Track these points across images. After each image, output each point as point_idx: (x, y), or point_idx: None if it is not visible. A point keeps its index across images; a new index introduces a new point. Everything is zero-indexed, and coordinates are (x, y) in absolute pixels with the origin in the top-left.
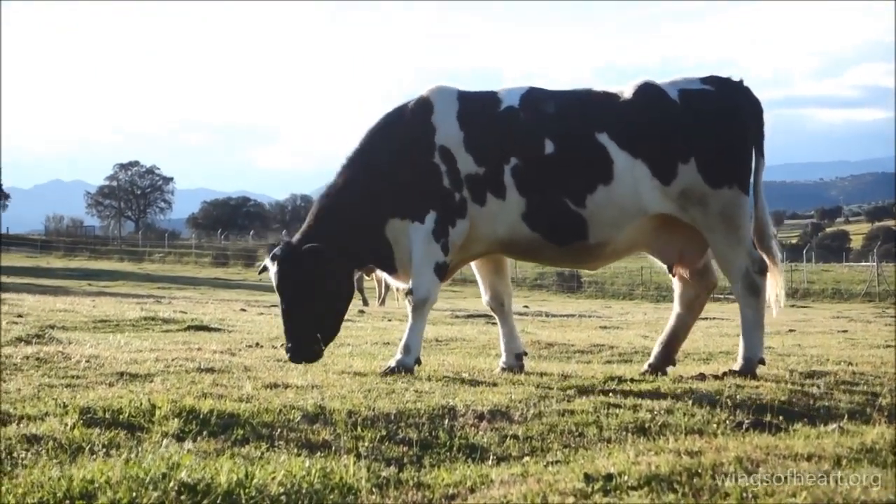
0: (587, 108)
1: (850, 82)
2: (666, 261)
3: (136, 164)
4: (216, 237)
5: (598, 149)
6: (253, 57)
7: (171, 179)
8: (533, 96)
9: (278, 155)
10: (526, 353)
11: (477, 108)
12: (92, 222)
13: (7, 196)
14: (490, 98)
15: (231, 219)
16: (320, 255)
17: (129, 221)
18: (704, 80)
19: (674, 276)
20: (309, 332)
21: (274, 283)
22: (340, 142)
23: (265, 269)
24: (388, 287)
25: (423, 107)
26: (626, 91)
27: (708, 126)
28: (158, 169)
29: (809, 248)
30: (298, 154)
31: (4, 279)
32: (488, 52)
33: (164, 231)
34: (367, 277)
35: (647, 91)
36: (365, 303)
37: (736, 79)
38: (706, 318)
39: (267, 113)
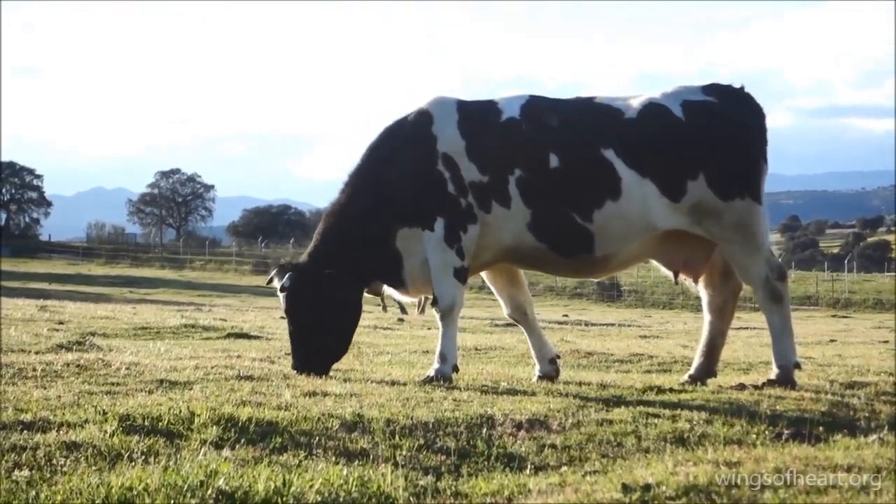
0: (591, 122)
1: (891, 91)
2: (671, 268)
3: (177, 171)
4: (257, 245)
5: (605, 165)
6: (294, 65)
7: (211, 187)
8: (533, 106)
9: (319, 163)
10: (559, 356)
11: (477, 117)
12: (133, 230)
13: (49, 203)
14: (490, 107)
15: (272, 227)
16: (332, 279)
17: (171, 229)
18: (706, 90)
19: (677, 282)
20: (317, 353)
21: (283, 307)
22: None
23: (273, 280)
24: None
25: (423, 117)
26: (631, 107)
27: (714, 139)
28: (199, 177)
29: (851, 257)
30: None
31: (47, 286)
32: (530, 60)
33: (205, 239)
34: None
35: (652, 108)
36: (403, 311)
37: (737, 86)
38: (746, 328)
39: (308, 121)
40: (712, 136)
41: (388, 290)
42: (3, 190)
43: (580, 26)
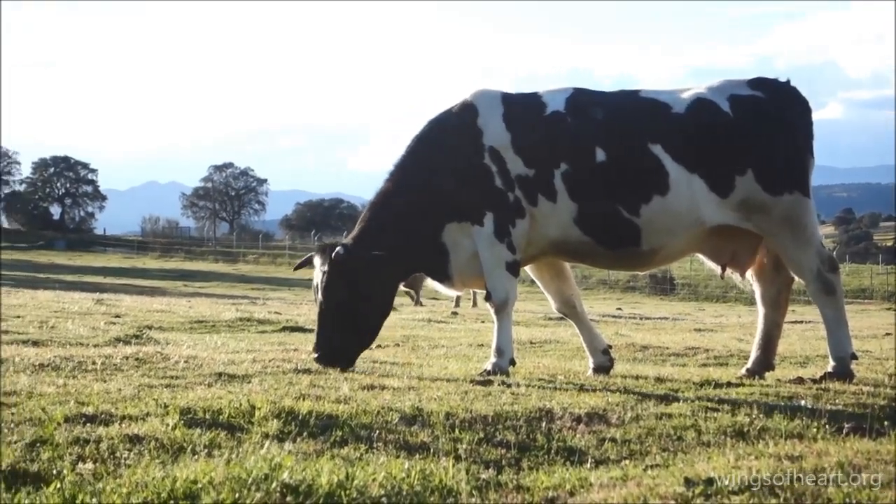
0: (638, 117)
1: None
2: (718, 262)
3: (230, 165)
4: (310, 239)
5: (653, 160)
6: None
7: (264, 181)
8: (578, 100)
9: (372, 156)
10: (611, 346)
11: (522, 110)
12: (187, 223)
13: (104, 198)
14: (534, 100)
15: (324, 220)
16: (377, 263)
17: (224, 223)
18: (752, 84)
19: (723, 277)
20: (346, 339)
21: (318, 285)
22: None
23: (304, 265)
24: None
25: (468, 110)
26: (677, 101)
27: (761, 134)
28: (252, 170)
29: None
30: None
31: (102, 280)
32: (582, 53)
33: (258, 232)
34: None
35: (699, 102)
36: (456, 304)
37: (783, 79)
38: (800, 322)
39: (361, 114)
40: (760, 130)
41: (430, 282)
42: (59, 184)
43: (632, 21)
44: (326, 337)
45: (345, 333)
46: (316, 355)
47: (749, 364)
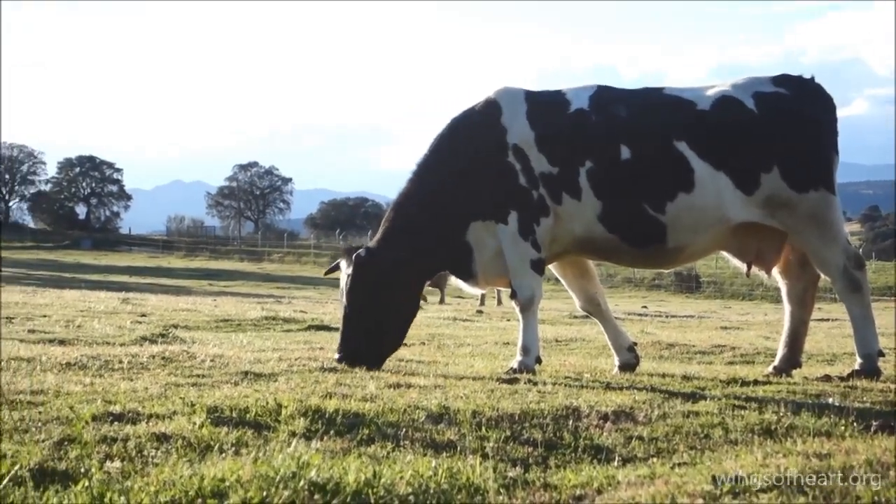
0: (662, 114)
1: None
2: (743, 260)
3: (255, 164)
4: (335, 237)
5: (678, 157)
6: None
7: (289, 180)
8: (602, 97)
9: (397, 155)
10: (636, 343)
11: (545, 107)
12: (212, 223)
13: (129, 197)
14: (558, 98)
15: (349, 219)
16: (401, 264)
17: (249, 222)
18: (776, 81)
19: (748, 275)
20: (373, 341)
21: (343, 288)
22: None
23: (334, 269)
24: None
25: (492, 108)
26: (702, 98)
27: (787, 131)
28: (277, 170)
29: None
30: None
31: (127, 279)
32: (605, 50)
33: (283, 231)
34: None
35: (724, 100)
36: (482, 303)
37: (807, 77)
38: (827, 320)
39: (386, 113)
40: (785, 127)
41: (454, 281)
42: (84, 184)
43: (658, 18)
44: (351, 339)
45: (370, 336)
46: (338, 356)
47: (776, 362)
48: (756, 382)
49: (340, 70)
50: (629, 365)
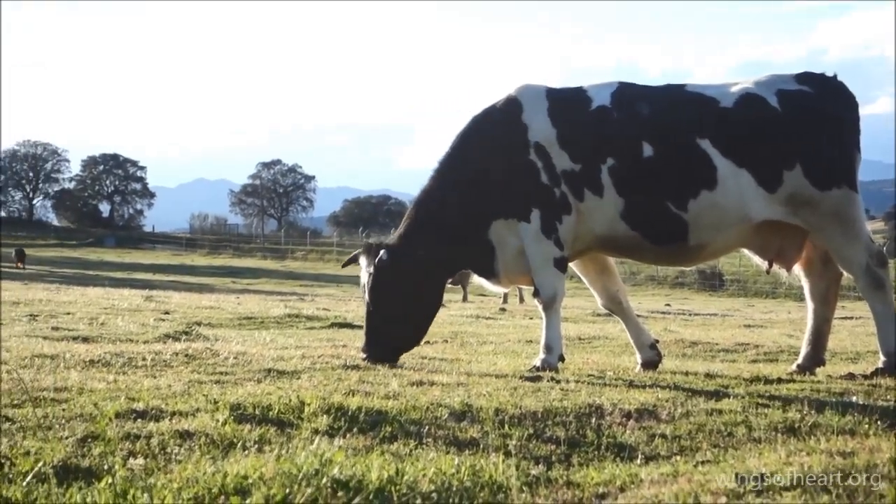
0: (685, 112)
1: None
2: (764, 257)
3: (278, 162)
4: (358, 235)
5: (700, 154)
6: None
7: (312, 178)
8: (624, 94)
9: (420, 153)
10: (657, 341)
11: (567, 105)
12: (235, 220)
13: (153, 195)
14: (579, 95)
15: (372, 217)
16: (421, 263)
17: (272, 219)
18: (799, 79)
19: (769, 272)
20: (394, 338)
21: (365, 285)
22: None
23: (351, 262)
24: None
25: (513, 105)
26: (725, 96)
27: (810, 129)
28: (300, 167)
29: None
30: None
31: (151, 276)
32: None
33: (306, 229)
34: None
35: (747, 97)
36: (504, 300)
37: (830, 74)
38: (850, 318)
39: (408, 111)
40: (808, 125)
41: (477, 279)
42: (108, 182)
43: (678, 15)
44: (374, 336)
45: (392, 332)
46: (365, 355)
47: (799, 360)
48: (779, 380)
49: (364, 69)
50: (651, 362)
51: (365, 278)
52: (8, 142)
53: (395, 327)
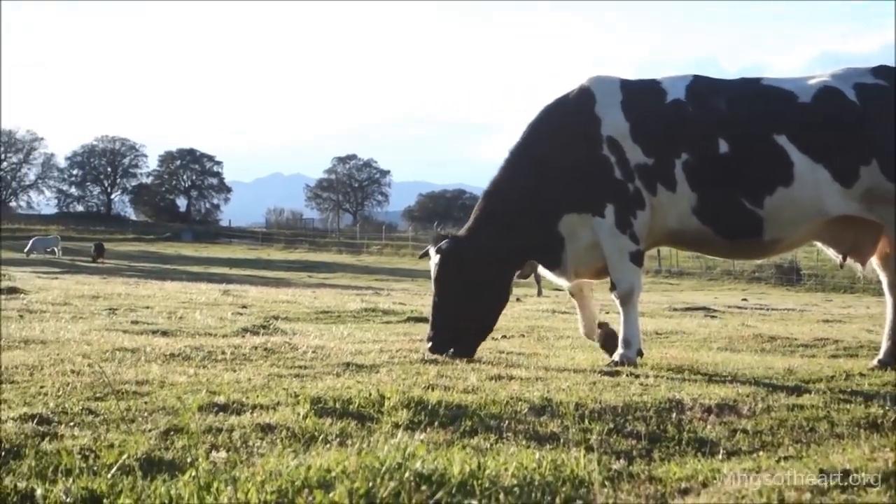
0: (762, 106)
1: None
2: (839, 251)
3: (353, 157)
4: (432, 229)
5: (777, 151)
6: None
7: (387, 172)
8: (699, 87)
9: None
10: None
11: (641, 97)
12: (311, 215)
13: (229, 189)
14: (654, 88)
15: (447, 211)
16: (487, 253)
17: (347, 214)
18: (875, 73)
19: (842, 266)
20: (461, 329)
21: (433, 276)
22: None
23: (427, 254)
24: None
25: (586, 97)
26: (802, 90)
27: (887, 123)
28: (375, 162)
29: None
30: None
31: (228, 270)
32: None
33: (381, 223)
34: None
35: (825, 91)
36: (539, 293)
37: None
38: None
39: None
40: (885, 120)
41: (542, 271)
42: (185, 176)
43: (757, 10)
44: (440, 327)
45: (458, 324)
46: (430, 345)
47: (880, 355)
48: (861, 375)
49: (439, 62)
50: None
51: (433, 269)
52: (86, 137)
53: (459, 318)
